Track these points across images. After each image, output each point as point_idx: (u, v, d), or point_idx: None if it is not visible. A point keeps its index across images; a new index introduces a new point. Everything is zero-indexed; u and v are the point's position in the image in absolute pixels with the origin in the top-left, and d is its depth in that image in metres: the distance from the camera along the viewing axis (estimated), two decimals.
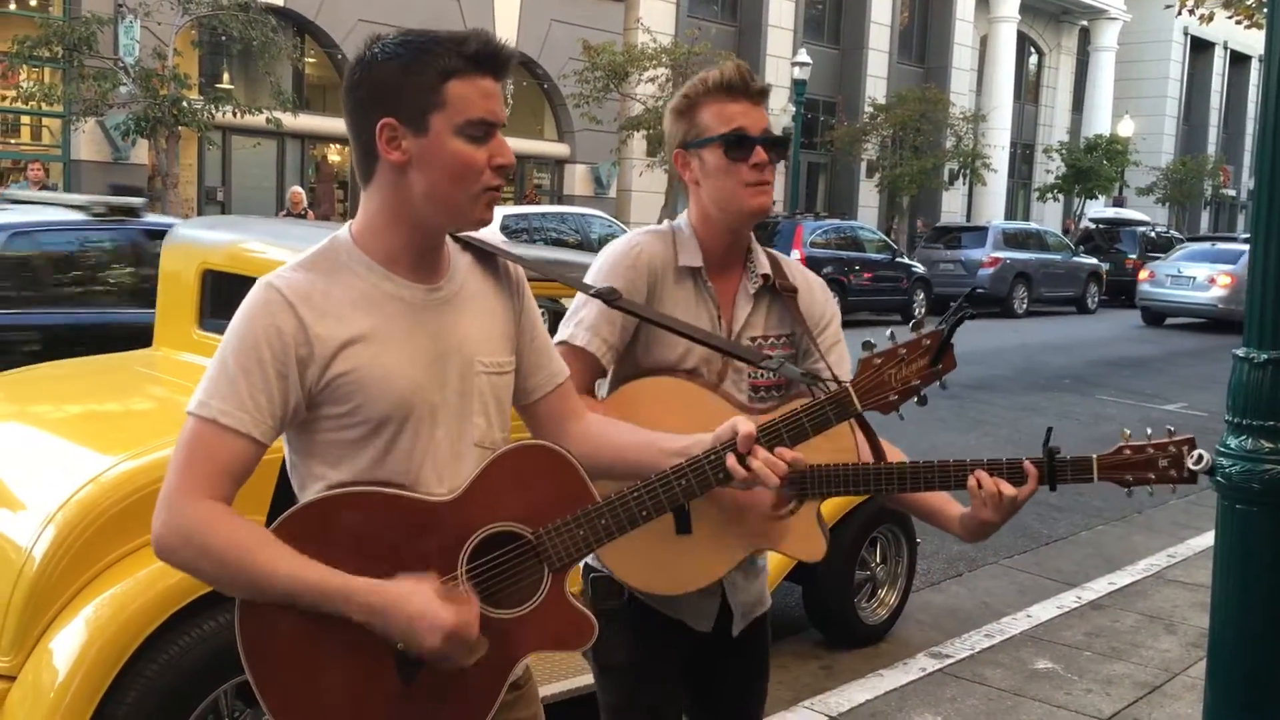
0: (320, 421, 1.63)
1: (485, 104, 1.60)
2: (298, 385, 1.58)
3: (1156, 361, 15.49)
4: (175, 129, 15.20)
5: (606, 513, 1.67)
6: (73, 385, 4.04)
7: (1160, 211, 37.93)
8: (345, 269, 1.65)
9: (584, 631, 1.70)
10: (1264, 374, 2.65)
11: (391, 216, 1.65)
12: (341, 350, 1.59)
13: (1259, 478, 2.64)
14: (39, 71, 16.18)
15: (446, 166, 1.60)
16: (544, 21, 23.06)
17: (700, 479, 1.70)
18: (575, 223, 16.25)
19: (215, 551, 1.52)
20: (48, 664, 2.70)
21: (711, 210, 2.17)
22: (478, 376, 1.71)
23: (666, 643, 2.22)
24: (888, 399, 1.71)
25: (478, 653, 1.61)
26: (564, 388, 1.88)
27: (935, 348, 1.70)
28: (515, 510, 1.66)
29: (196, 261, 3.99)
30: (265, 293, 1.60)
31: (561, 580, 1.68)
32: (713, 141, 2.12)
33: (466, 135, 1.59)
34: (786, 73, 25.25)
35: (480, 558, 1.64)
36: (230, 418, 1.54)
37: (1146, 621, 4.95)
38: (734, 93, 2.13)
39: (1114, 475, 1.97)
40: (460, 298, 1.72)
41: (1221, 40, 42.27)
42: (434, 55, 1.58)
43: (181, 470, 1.55)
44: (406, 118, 1.59)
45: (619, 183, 24.93)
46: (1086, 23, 39.69)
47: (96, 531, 2.81)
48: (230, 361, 1.57)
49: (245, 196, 19.64)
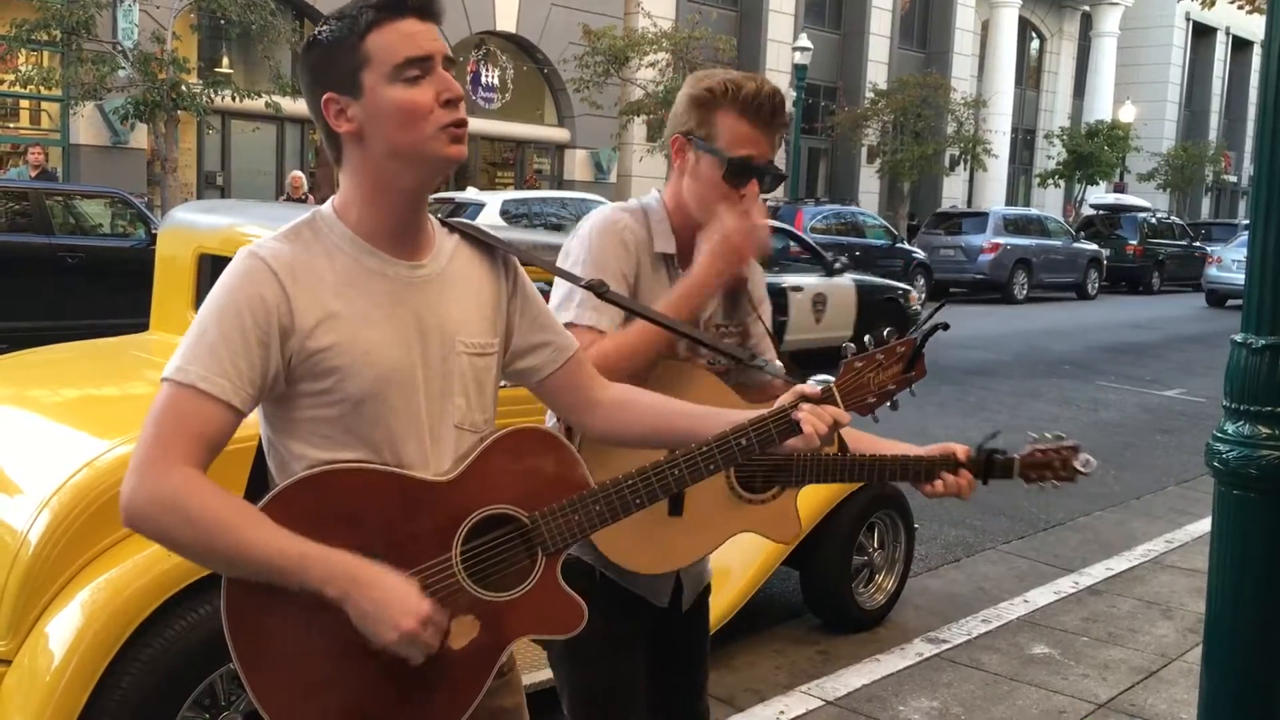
0: (299, 399, 1.60)
1: (409, 43, 1.57)
2: (278, 355, 1.55)
3: (1156, 347, 15.48)
4: (174, 113, 15.15)
5: (601, 499, 1.68)
6: (69, 369, 4.04)
7: (1161, 197, 37.86)
8: (328, 243, 1.63)
9: (575, 617, 1.69)
10: (1262, 359, 2.64)
11: (367, 189, 1.63)
12: (322, 324, 1.57)
13: (1256, 464, 2.63)
14: (37, 55, 16.12)
15: (392, 116, 1.57)
16: (544, 6, 22.98)
17: (692, 469, 1.71)
18: (575, 208, 16.21)
19: (196, 521, 1.48)
20: (44, 648, 2.70)
21: (689, 205, 2.19)
22: (459, 356, 1.69)
23: (633, 618, 2.24)
24: (865, 401, 1.77)
25: (468, 635, 1.61)
26: (575, 360, 1.85)
27: (909, 355, 1.77)
28: (512, 493, 1.66)
29: (193, 245, 3.99)
30: (249, 261, 1.57)
31: (555, 565, 1.68)
32: (716, 156, 2.13)
33: (402, 80, 1.57)
34: (787, 58, 25.16)
35: (474, 540, 1.64)
36: (210, 384, 1.51)
37: (1143, 607, 4.95)
38: (757, 115, 2.13)
39: (1030, 474, 2.22)
40: (444, 277, 1.70)
41: (1223, 25, 42.11)
42: (349, 20, 1.58)
43: (158, 436, 1.50)
44: (342, 87, 1.59)
45: (619, 168, 24.88)
46: (1088, 8, 39.53)
47: (92, 515, 2.81)
48: (210, 328, 1.54)
49: (245, 181, 19.61)
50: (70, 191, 12.56)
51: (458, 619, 1.61)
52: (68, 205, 11.50)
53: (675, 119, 2.20)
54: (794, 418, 1.71)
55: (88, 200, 11.97)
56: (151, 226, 11.00)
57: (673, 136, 2.19)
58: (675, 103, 2.22)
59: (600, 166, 24.43)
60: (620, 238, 2.14)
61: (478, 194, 15.83)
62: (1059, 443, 2.22)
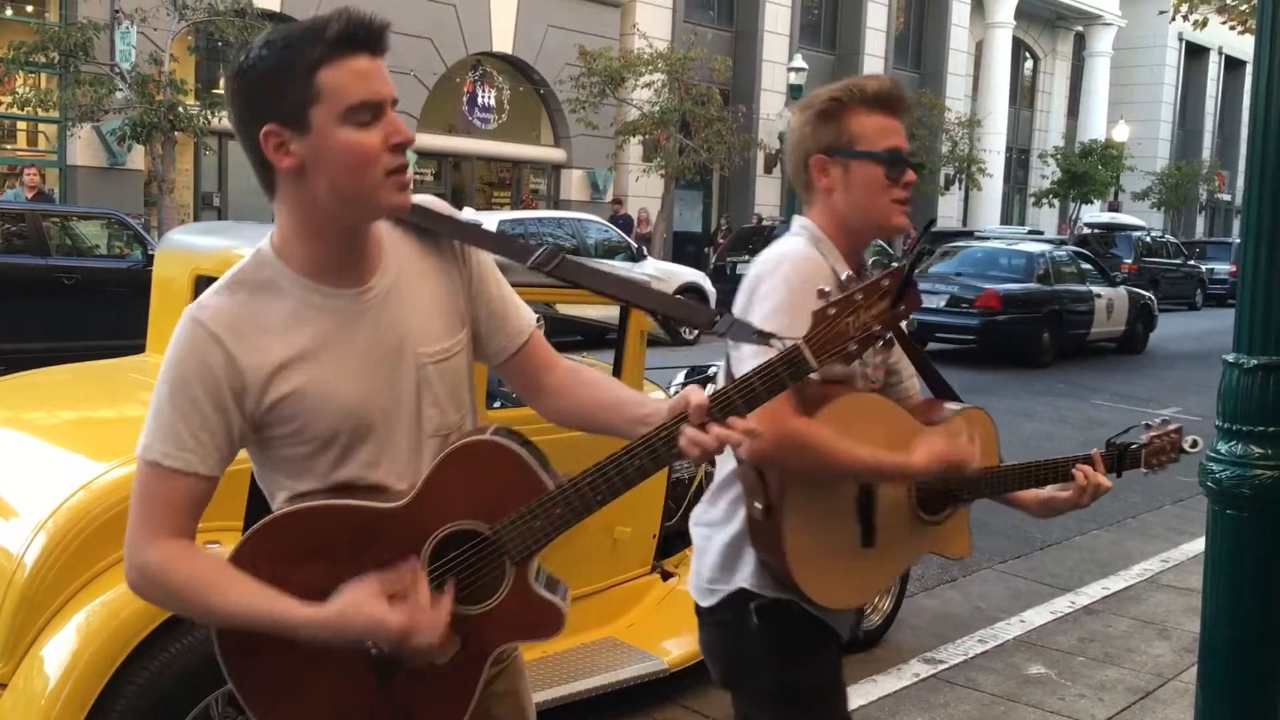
0: (272, 440, 1.63)
1: (363, 85, 1.52)
2: (237, 415, 1.58)
3: (1150, 365, 15.51)
4: (171, 134, 15.17)
5: (561, 501, 1.62)
6: (65, 391, 4.04)
7: (1156, 216, 37.97)
8: (271, 286, 1.61)
9: (552, 619, 1.68)
10: (1253, 379, 2.66)
11: (305, 226, 1.60)
12: (276, 375, 1.58)
13: (1249, 483, 2.65)
14: (35, 77, 16.17)
15: (340, 159, 1.53)
16: (540, 27, 23.07)
17: (653, 456, 1.59)
18: (571, 227, 16.25)
19: (174, 591, 1.56)
20: (39, 671, 2.70)
21: (852, 219, 2.14)
22: (423, 368, 1.68)
23: (829, 651, 2.22)
24: (847, 349, 1.55)
25: (449, 650, 1.61)
26: (530, 343, 1.83)
27: (894, 288, 1.54)
28: (469, 508, 1.64)
29: (189, 267, 3.99)
30: (190, 329, 1.58)
31: (525, 571, 1.66)
32: (869, 157, 2.09)
33: (352, 122, 1.52)
34: (782, 78, 25.27)
35: (441, 557, 1.64)
36: (173, 459, 1.56)
37: (1140, 626, 4.95)
38: (889, 108, 2.11)
39: (1153, 461, 2.39)
40: (393, 294, 1.67)
41: (1216, 46, 42.37)
42: (298, 49, 1.51)
43: (136, 514, 1.58)
44: (287, 120, 1.53)
45: (615, 188, 24.94)
46: (1082, 28, 39.75)
47: (88, 538, 2.81)
48: (165, 405, 1.57)
49: (242, 202, 19.60)
50: (67, 213, 12.57)
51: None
52: (64, 226, 11.52)
53: (804, 143, 2.15)
54: (677, 439, 1.57)
55: (84, 221, 11.98)
56: (148, 247, 11.01)
57: (812, 159, 2.14)
58: (792, 132, 2.19)
59: (596, 186, 24.48)
60: (815, 278, 1.99)
61: (474, 214, 15.84)
62: (1166, 428, 2.40)
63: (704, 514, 2.24)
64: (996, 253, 16.32)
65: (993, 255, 16.17)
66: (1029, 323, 14.78)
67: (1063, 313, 15.29)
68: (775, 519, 2.00)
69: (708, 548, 2.20)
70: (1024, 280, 15.23)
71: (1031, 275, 15.37)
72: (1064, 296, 15.45)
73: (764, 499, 2.01)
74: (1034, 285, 15.19)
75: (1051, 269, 15.62)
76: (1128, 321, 16.80)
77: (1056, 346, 15.12)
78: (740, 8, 27.79)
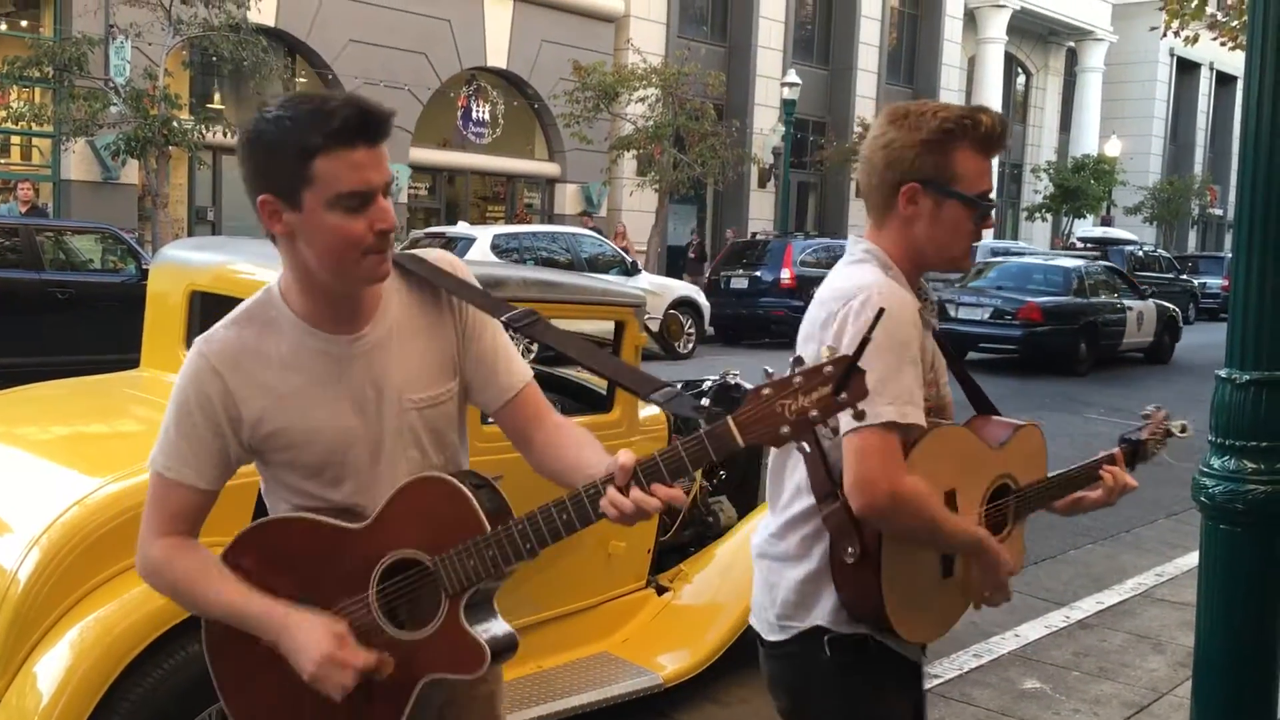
0: (269, 462, 1.84)
1: (355, 176, 1.64)
2: (234, 441, 1.79)
3: (1144, 379, 15.54)
4: (165, 149, 15.17)
5: (494, 544, 1.69)
6: (59, 406, 4.04)
7: (1148, 231, 38.11)
8: (274, 326, 1.79)
9: (475, 658, 1.75)
10: (1246, 394, 2.67)
11: (302, 281, 1.77)
12: (267, 410, 1.77)
13: (1242, 498, 2.66)
14: (29, 91, 16.17)
15: (323, 240, 1.67)
16: (534, 42, 23.13)
17: (579, 512, 1.65)
18: (565, 242, 16.27)
19: (171, 583, 1.81)
20: (32, 687, 2.69)
21: (928, 252, 2.08)
22: (408, 413, 1.82)
23: (901, 682, 2.17)
24: (777, 432, 1.53)
25: (383, 671, 1.75)
26: (520, 397, 1.90)
27: (838, 375, 1.51)
28: (417, 538, 1.75)
29: (184, 282, 4.00)
30: (196, 362, 1.78)
31: (458, 606, 1.74)
32: (965, 200, 2.03)
33: (340, 207, 1.65)
34: (776, 93, 25.34)
35: (388, 580, 1.77)
36: (174, 472, 1.79)
37: (1134, 641, 4.95)
38: (991, 148, 2.05)
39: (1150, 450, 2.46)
40: (385, 342, 1.81)
41: (1207, 61, 42.58)
42: (298, 134, 1.63)
43: (146, 514, 1.83)
44: (282, 194, 1.66)
45: (609, 202, 24.98)
46: (1074, 44, 39.94)
47: (82, 554, 2.80)
48: (171, 426, 1.79)
49: (236, 216, 19.61)
50: (61, 227, 12.56)
51: (380, 654, 1.74)
52: (58, 241, 11.51)
53: (900, 165, 2.03)
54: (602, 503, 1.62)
55: (78, 236, 11.98)
56: (142, 262, 11.00)
57: (905, 187, 2.04)
58: (883, 147, 2.06)
59: (591, 201, 24.52)
60: (911, 315, 1.99)
61: (469, 228, 15.87)
62: (1159, 414, 2.48)
63: (770, 546, 2.15)
64: (1031, 267, 17.27)
65: (1028, 270, 17.12)
66: (1067, 334, 15.65)
67: (1098, 324, 16.15)
68: (870, 565, 1.96)
69: (778, 582, 2.13)
70: (1062, 293, 16.06)
71: (1069, 289, 16.19)
72: (1099, 309, 16.35)
73: (858, 544, 1.95)
74: (1071, 298, 16.03)
75: (1087, 282, 16.47)
76: (1155, 333, 17.65)
77: (1092, 356, 15.96)
78: (734, 23, 27.90)
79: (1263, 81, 2.66)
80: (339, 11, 19.73)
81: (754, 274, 18.26)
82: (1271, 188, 2.66)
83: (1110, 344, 16.54)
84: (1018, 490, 2.19)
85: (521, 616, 3.54)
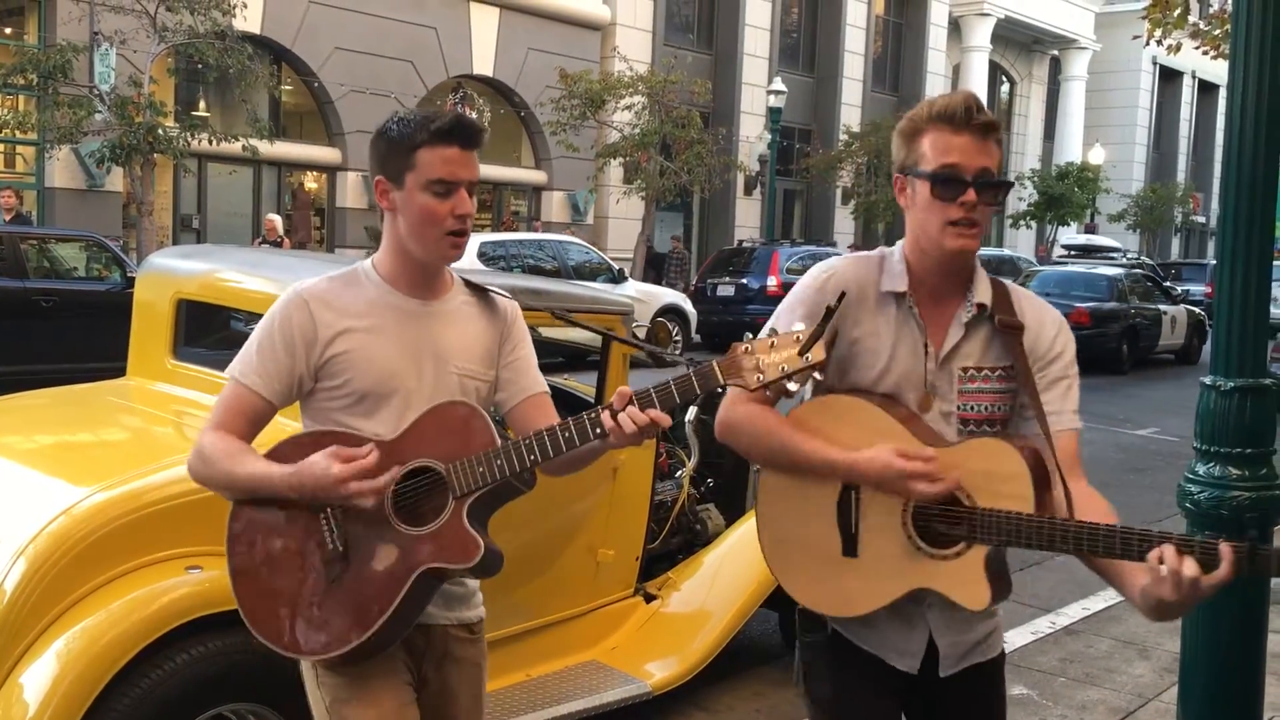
0: (319, 394, 2.16)
1: (445, 167, 2.08)
2: (303, 359, 2.13)
3: (1127, 386, 15.60)
4: (150, 156, 15.10)
5: (503, 454, 2.04)
6: (44, 415, 4.02)
7: (1132, 238, 38.28)
8: (360, 285, 2.20)
9: (471, 547, 2.03)
10: (1230, 401, 2.69)
11: (393, 246, 2.19)
12: (340, 335, 2.13)
13: (1227, 504, 2.67)
14: (13, 99, 16.10)
15: (416, 214, 2.12)
16: (521, 50, 23.14)
17: (580, 430, 2.00)
18: (552, 249, 16.27)
19: (208, 460, 2.10)
20: (18, 698, 2.68)
21: (921, 240, 2.12)
22: (450, 375, 2.18)
23: (871, 678, 2.18)
24: (753, 379, 1.89)
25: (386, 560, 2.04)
26: (528, 403, 2.28)
27: (806, 341, 1.87)
28: (437, 450, 2.08)
29: (170, 291, 3.98)
30: (289, 295, 2.17)
31: (462, 506, 2.05)
32: (920, 175, 2.07)
33: (431, 191, 2.08)
34: (762, 101, 25.41)
35: (404, 483, 2.08)
36: (246, 378, 2.14)
37: (1120, 647, 4.97)
38: (955, 124, 2.04)
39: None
40: (448, 315, 2.21)
41: (1190, 70, 42.83)
42: (411, 131, 2.09)
43: (212, 412, 2.16)
44: (391, 176, 2.12)
45: (596, 209, 24.99)
46: (1057, 52, 40.14)
47: (69, 564, 2.79)
48: (253, 342, 2.16)
49: (221, 224, 19.56)
50: (45, 235, 12.51)
51: (382, 546, 2.05)
52: (43, 249, 11.46)
53: (894, 163, 2.17)
54: (602, 419, 1.98)
55: (63, 244, 11.93)
56: (127, 270, 10.97)
57: (895, 179, 2.17)
58: (892, 148, 2.19)
59: (577, 208, 24.53)
60: (819, 282, 2.16)
61: None
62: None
63: None
64: (1073, 275, 18.75)
65: (1069, 277, 18.58)
66: (1112, 336, 16.98)
67: (1138, 327, 17.62)
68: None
69: None
70: (1106, 299, 17.34)
71: (1112, 294, 17.53)
72: (1139, 313, 17.77)
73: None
74: (1115, 303, 17.37)
75: (1127, 288, 17.88)
76: (1185, 336, 19.25)
77: (1132, 358, 17.35)
78: (720, 31, 27.96)
79: (1245, 90, 2.68)
80: (325, 19, 19.70)
81: (740, 281, 18.30)
82: (1254, 195, 2.68)
83: (1148, 345, 17.91)
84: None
85: (510, 625, 3.55)
